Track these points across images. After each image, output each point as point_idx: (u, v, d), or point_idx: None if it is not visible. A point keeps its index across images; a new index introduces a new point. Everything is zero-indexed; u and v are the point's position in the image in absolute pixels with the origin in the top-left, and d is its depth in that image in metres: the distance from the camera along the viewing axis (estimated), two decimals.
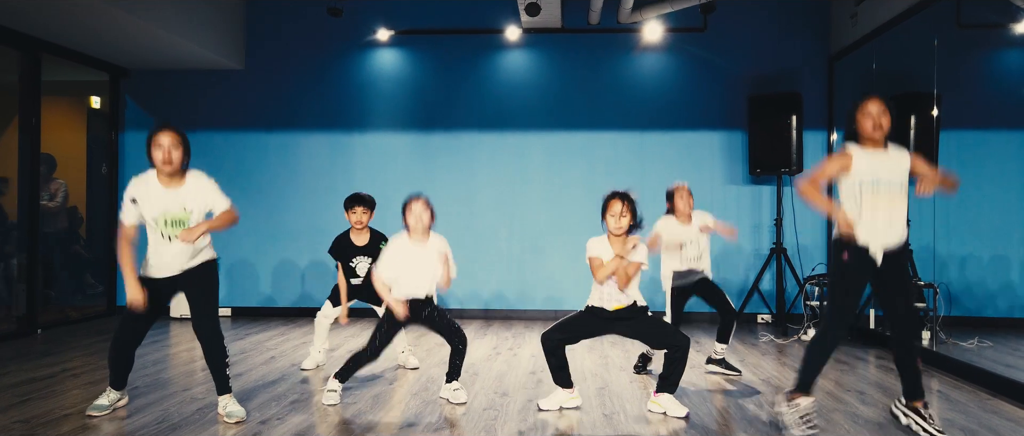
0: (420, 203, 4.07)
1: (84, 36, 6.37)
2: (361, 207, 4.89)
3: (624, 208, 3.77)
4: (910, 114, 6.42)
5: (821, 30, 7.29)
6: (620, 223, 3.76)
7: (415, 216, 4.03)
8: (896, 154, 3.47)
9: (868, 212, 3.38)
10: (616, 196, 3.80)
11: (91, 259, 8.90)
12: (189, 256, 3.65)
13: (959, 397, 4.30)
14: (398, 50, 7.54)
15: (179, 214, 3.60)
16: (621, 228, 3.76)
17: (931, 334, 5.78)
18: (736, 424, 3.68)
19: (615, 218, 3.76)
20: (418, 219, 4.03)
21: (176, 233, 3.57)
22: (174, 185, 3.61)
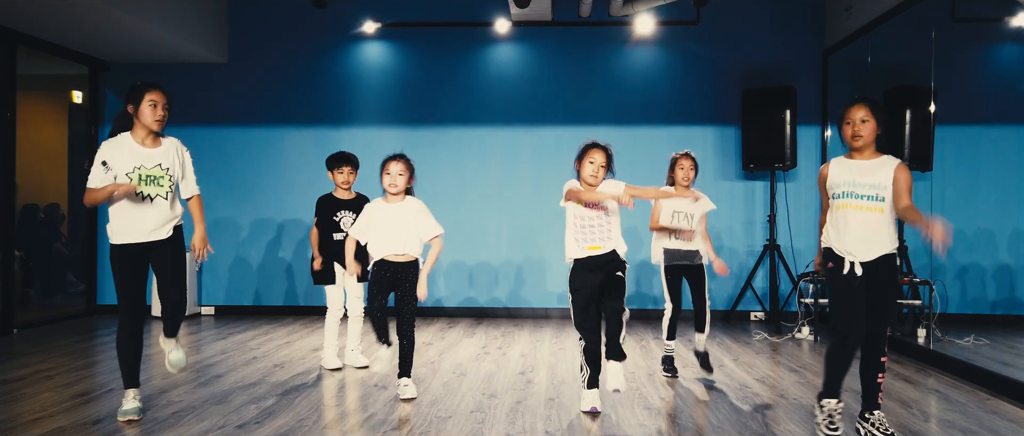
0: (398, 164, 3.97)
1: (62, 28, 6.19)
2: (348, 167, 4.87)
3: (604, 158, 3.69)
4: (905, 109, 6.32)
5: (815, 23, 7.18)
6: (598, 173, 3.67)
7: (391, 178, 3.94)
8: (880, 165, 3.26)
9: (841, 223, 3.25)
10: (597, 146, 3.71)
11: (73, 257, 8.73)
12: (165, 220, 3.61)
13: (958, 397, 4.20)
14: (385, 43, 7.39)
15: (155, 171, 3.58)
16: (597, 178, 3.67)
17: (927, 332, 5.69)
18: (732, 427, 3.56)
19: (594, 167, 3.67)
20: (393, 182, 3.94)
21: (150, 191, 3.55)
22: (151, 145, 3.63)
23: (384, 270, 3.94)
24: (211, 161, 7.38)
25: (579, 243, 3.71)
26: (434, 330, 6.44)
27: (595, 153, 3.69)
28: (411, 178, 4.04)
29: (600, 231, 3.69)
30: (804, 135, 7.02)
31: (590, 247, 3.67)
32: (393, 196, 3.98)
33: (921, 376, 4.75)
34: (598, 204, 3.66)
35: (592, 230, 3.69)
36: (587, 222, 3.70)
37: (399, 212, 3.96)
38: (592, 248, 3.68)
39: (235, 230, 7.33)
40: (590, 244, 3.68)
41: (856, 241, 3.20)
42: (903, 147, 6.29)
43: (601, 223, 3.70)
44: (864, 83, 6.74)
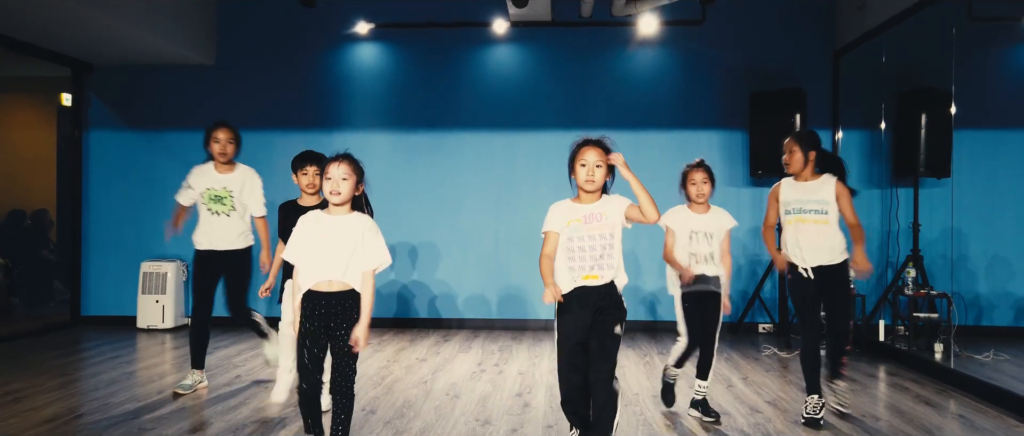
0: (340, 166, 3.00)
1: (43, 29, 5.93)
2: (313, 167, 4.08)
3: (601, 157, 2.99)
4: (921, 112, 6.05)
5: (826, 23, 6.91)
6: (593, 176, 2.96)
7: (332, 183, 2.98)
8: (821, 184, 3.90)
9: (792, 235, 3.93)
10: (589, 143, 3.02)
11: (60, 264, 8.48)
12: (230, 234, 4.50)
13: (984, 423, 3.93)
14: (378, 44, 7.13)
15: (219, 192, 4.50)
16: (593, 182, 2.97)
17: (945, 347, 5.43)
18: None
19: (587, 169, 2.97)
20: (335, 188, 2.98)
21: (214, 207, 4.48)
22: (223, 171, 4.55)
23: (316, 306, 2.96)
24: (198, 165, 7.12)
25: (573, 271, 2.97)
26: (429, 344, 6.18)
27: (587, 151, 2.99)
28: (359, 184, 3.07)
29: (598, 256, 2.97)
30: None
31: (586, 276, 2.96)
32: (335, 207, 3.02)
33: (942, 398, 4.48)
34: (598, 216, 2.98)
35: (589, 254, 2.97)
36: (584, 243, 2.97)
37: (341, 227, 3.00)
38: (588, 277, 2.95)
39: None
40: (586, 273, 2.96)
41: (807, 249, 3.86)
42: (918, 153, 6.02)
43: (602, 245, 2.97)
44: (877, 85, 6.47)
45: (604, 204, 3.01)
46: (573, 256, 2.97)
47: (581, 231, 2.97)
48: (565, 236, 2.99)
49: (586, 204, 3.00)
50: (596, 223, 2.97)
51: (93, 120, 7.25)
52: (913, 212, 6.13)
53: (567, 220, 3.00)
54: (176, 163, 7.14)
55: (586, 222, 2.97)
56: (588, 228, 2.96)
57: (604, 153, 2.99)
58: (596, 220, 2.97)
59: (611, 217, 2.98)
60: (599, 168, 2.97)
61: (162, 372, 5.10)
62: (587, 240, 2.96)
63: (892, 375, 5.14)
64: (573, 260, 2.97)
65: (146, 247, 7.13)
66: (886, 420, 3.98)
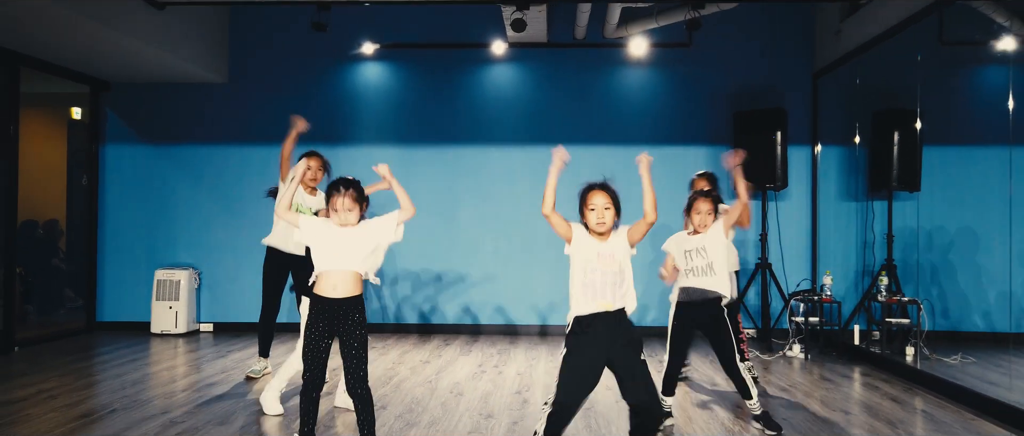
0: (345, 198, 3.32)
1: (65, 50, 6.29)
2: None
3: (608, 200, 3.20)
4: (893, 130, 6.47)
5: (805, 47, 7.33)
6: (603, 218, 3.17)
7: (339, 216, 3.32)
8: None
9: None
10: (596, 187, 3.23)
11: (70, 272, 8.78)
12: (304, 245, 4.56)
13: (944, 417, 4.30)
14: (383, 64, 7.50)
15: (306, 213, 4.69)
16: (604, 224, 3.17)
17: (915, 350, 5.81)
18: None
19: (597, 213, 3.18)
20: (344, 221, 3.32)
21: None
22: (310, 193, 5.18)
23: (323, 309, 3.26)
24: (210, 179, 7.47)
25: (586, 298, 3.14)
26: (431, 347, 6.52)
27: (595, 196, 3.19)
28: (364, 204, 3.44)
29: (612, 284, 3.15)
30: (795, 155, 7.14)
31: (601, 303, 3.12)
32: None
33: (908, 396, 4.85)
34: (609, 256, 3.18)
35: (600, 282, 3.14)
36: (596, 277, 3.15)
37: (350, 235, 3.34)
38: (603, 305, 3.12)
39: (233, 247, 7.40)
40: (601, 300, 3.12)
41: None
42: (891, 168, 6.43)
43: (614, 276, 3.16)
44: (853, 105, 6.88)
45: (612, 242, 3.21)
46: (587, 282, 3.15)
47: (594, 265, 3.16)
48: (582, 258, 3.18)
49: (598, 241, 3.20)
50: (608, 260, 3.17)
51: (110, 135, 7.59)
52: (887, 223, 6.53)
53: (589, 250, 3.19)
54: (189, 176, 7.51)
55: (599, 258, 3.17)
56: (601, 263, 3.16)
57: (610, 196, 3.20)
58: (608, 258, 3.17)
59: (618, 254, 3.19)
60: (608, 210, 3.18)
61: (183, 373, 5.42)
62: (600, 274, 3.14)
63: (865, 376, 5.52)
64: (588, 286, 3.14)
65: (160, 256, 7.46)
66: (855, 415, 4.35)
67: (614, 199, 3.22)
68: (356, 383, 3.27)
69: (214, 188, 7.46)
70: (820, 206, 7.19)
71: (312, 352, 3.27)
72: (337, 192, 3.31)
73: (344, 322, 3.26)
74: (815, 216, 7.22)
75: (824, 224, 7.18)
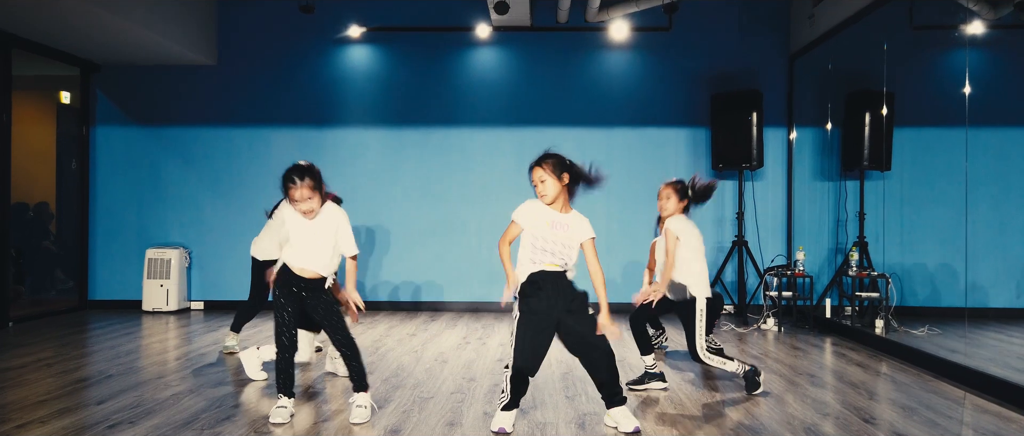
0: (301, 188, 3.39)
1: (55, 31, 6.40)
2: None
3: (543, 172, 3.36)
4: (865, 111, 6.68)
5: (781, 30, 7.53)
6: (544, 191, 3.35)
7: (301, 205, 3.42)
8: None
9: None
10: (532, 165, 3.42)
11: (61, 254, 8.90)
12: None
13: (904, 379, 4.53)
14: (370, 47, 7.65)
15: None
16: (545, 196, 3.35)
17: (884, 323, 6.03)
18: (693, 405, 3.86)
19: (537, 188, 3.39)
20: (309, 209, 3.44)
21: None
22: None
23: (291, 284, 3.51)
24: (200, 160, 7.60)
25: (534, 263, 3.34)
26: (418, 322, 6.70)
27: (533, 173, 3.40)
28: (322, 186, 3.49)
29: (560, 255, 3.35)
30: (771, 136, 7.36)
31: (547, 264, 3.34)
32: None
33: (874, 362, 5.08)
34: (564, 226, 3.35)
35: (550, 251, 3.35)
36: (548, 245, 3.35)
37: (317, 224, 3.50)
38: (549, 265, 3.34)
39: (223, 226, 7.55)
40: (549, 262, 3.34)
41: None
42: (863, 148, 6.64)
43: (563, 247, 3.35)
44: (826, 87, 7.09)
45: (572, 218, 3.39)
46: (536, 252, 3.34)
47: (546, 233, 3.33)
48: (532, 234, 3.35)
49: (554, 211, 3.37)
50: (561, 231, 3.34)
51: (100, 116, 7.71)
52: (859, 201, 6.75)
53: (537, 221, 3.35)
54: (178, 157, 7.64)
55: (552, 227, 3.34)
56: (553, 233, 3.33)
57: (545, 168, 3.35)
58: (562, 228, 3.35)
59: (574, 231, 3.36)
60: (544, 183, 3.35)
61: (174, 344, 5.58)
62: (551, 243, 3.33)
63: (835, 345, 5.75)
64: (536, 254, 3.34)
65: (150, 235, 7.59)
66: (820, 377, 4.56)
67: (553, 169, 3.36)
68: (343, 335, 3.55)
69: (204, 168, 7.59)
70: (795, 185, 7.41)
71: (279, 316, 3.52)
72: (292, 184, 3.38)
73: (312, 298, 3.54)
74: (790, 195, 7.44)
75: (799, 203, 7.40)
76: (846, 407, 3.82)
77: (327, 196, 3.81)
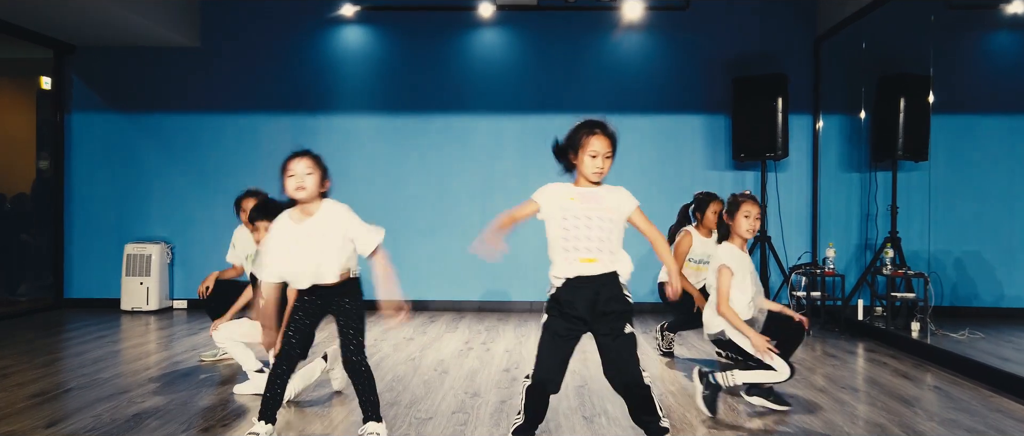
0: (301, 161, 2.95)
1: (24, 8, 5.88)
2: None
3: (610, 147, 2.78)
4: (900, 97, 6.18)
5: (807, 9, 7.01)
6: (603, 167, 2.78)
7: (296, 179, 2.94)
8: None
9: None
10: (598, 130, 2.78)
11: (39, 248, 8.40)
12: None
13: (961, 394, 4.04)
14: (364, 27, 7.13)
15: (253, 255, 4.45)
16: (601, 173, 2.78)
17: (921, 325, 5.55)
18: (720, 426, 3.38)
19: (598, 160, 2.77)
20: (300, 184, 2.94)
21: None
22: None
23: (311, 297, 3.04)
24: (183, 149, 7.11)
25: (567, 252, 2.75)
26: (416, 325, 6.22)
27: (597, 141, 2.76)
28: (325, 180, 3.02)
29: (597, 239, 2.74)
30: (796, 124, 6.84)
31: (583, 259, 2.73)
32: (305, 205, 2.99)
33: (919, 372, 4.59)
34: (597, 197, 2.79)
35: (584, 234, 2.74)
36: (580, 222, 2.75)
37: (319, 227, 2.98)
38: (586, 261, 2.73)
39: (209, 221, 7.05)
40: (582, 255, 2.73)
41: None
42: (897, 137, 6.15)
43: (599, 226, 2.75)
44: (857, 70, 6.59)
45: (606, 190, 2.83)
46: (568, 236, 2.75)
47: (576, 210, 2.75)
48: (560, 216, 2.78)
49: (584, 187, 2.84)
50: (594, 204, 2.77)
51: (76, 102, 7.20)
52: (892, 195, 6.26)
53: (562, 198, 2.80)
54: (160, 145, 7.14)
55: (583, 201, 2.77)
56: (585, 208, 2.75)
57: (612, 142, 2.80)
58: (595, 201, 2.78)
59: (611, 203, 2.79)
60: (609, 159, 2.78)
61: (148, 351, 5.10)
62: (584, 220, 2.74)
63: (870, 351, 5.26)
64: (568, 240, 2.75)
65: (130, 229, 7.10)
66: (865, 392, 4.08)
67: (615, 147, 2.82)
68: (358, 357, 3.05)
69: (187, 158, 7.09)
70: (821, 176, 6.91)
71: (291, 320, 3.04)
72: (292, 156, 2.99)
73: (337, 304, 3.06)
74: (816, 187, 6.94)
75: (825, 195, 6.90)
76: (907, 432, 3.33)
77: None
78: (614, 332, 2.74)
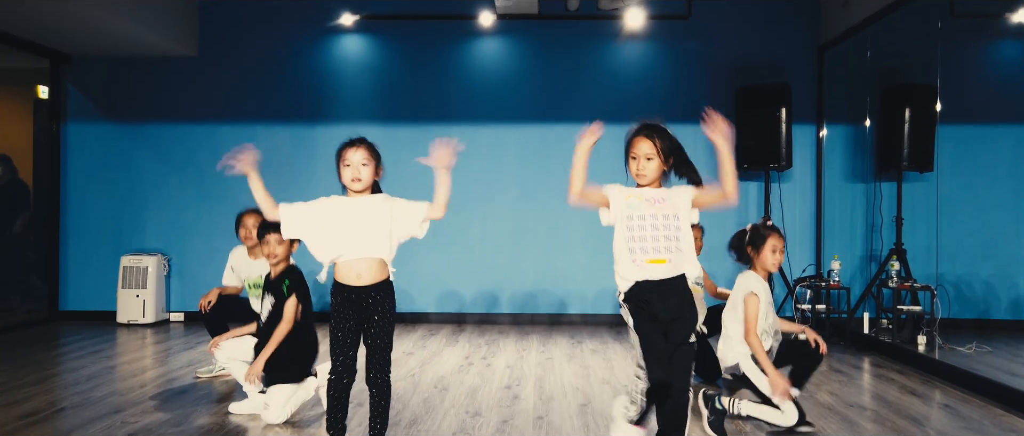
0: (359, 151, 2.99)
1: (20, 18, 5.81)
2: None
3: (653, 149, 2.78)
4: (904, 106, 6.11)
5: (810, 19, 6.94)
6: (643, 169, 2.77)
7: (352, 170, 2.97)
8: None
9: None
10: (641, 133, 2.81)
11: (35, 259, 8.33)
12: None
13: (970, 412, 3.96)
14: (363, 36, 7.06)
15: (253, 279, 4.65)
16: (644, 176, 2.78)
17: (928, 339, 5.47)
18: None
19: (638, 162, 2.79)
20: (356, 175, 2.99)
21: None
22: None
23: (348, 299, 2.91)
24: (180, 159, 7.03)
25: (633, 253, 2.72)
26: (415, 338, 6.14)
27: (639, 143, 2.79)
28: (379, 168, 3.07)
29: (665, 239, 2.72)
30: (799, 134, 6.77)
31: (651, 260, 2.71)
32: (356, 193, 3.03)
33: (927, 388, 4.51)
34: (660, 199, 2.78)
35: (651, 234, 2.72)
36: (645, 222, 2.72)
37: (368, 206, 3.03)
38: (653, 262, 2.71)
39: (206, 232, 6.97)
40: (650, 256, 2.71)
41: None
42: (902, 147, 6.08)
43: (666, 225, 2.73)
44: (861, 80, 6.52)
45: (667, 190, 2.83)
46: (634, 237, 2.73)
47: (642, 210, 2.74)
48: (624, 215, 2.76)
49: (645, 189, 2.83)
50: (659, 204, 2.76)
51: (72, 112, 7.12)
52: (897, 206, 6.18)
53: (626, 196, 2.78)
54: (157, 156, 7.07)
55: (648, 202, 2.76)
56: (650, 208, 2.75)
57: (656, 143, 2.77)
58: (658, 201, 2.77)
59: (675, 200, 2.78)
60: (650, 161, 2.77)
61: (144, 367, 5.02)
62: (649, 219, 2.73)
63: (877, 367, 5.18)
64: (634, 242, 2.72)
65: (126, 241, 7.02)
66: (873, 410, 4.00)
67: (664, 147, 2.78)
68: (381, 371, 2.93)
69: (184, 169, 7.02)
70: (825, 187, 6.84)
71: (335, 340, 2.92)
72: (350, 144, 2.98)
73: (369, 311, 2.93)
74: (820, 198, 6.86)
75: (829, 206, 6.83)
76: None
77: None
78: (679, 339, 2.74)
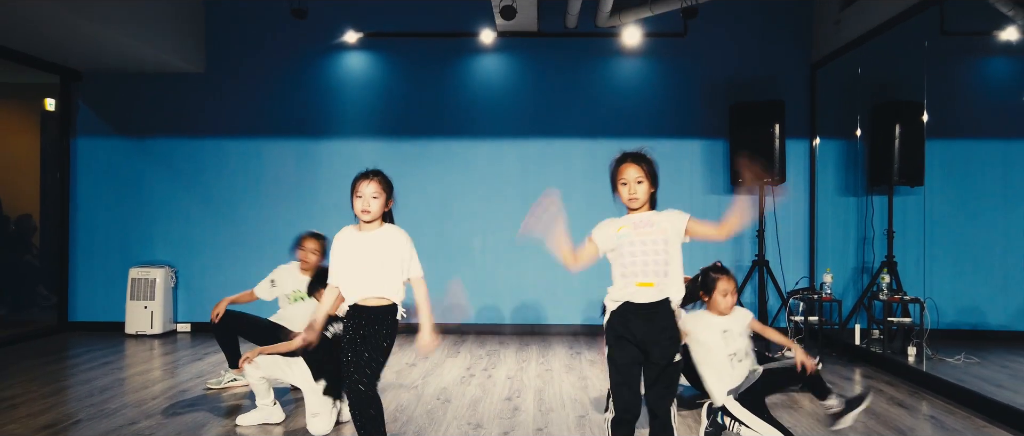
0: (371, 183, 3.14)
1: (31, 37, 5.97)
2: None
3: (641, 172, 2.88)
4: (895, 122, 6.27)
5: (803, 37, 7.11)
6: (636, 193, 2.88)
7: (363, 201, 3.12)
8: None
9: None
10: (628, 158, 2.91)
11: (44, 269, 8.48)
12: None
13: (954, 424, 4.11)
14: (367, 53, 7.22)
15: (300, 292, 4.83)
16: (637, 200, 2.88)
17: (918, 351, 5.62)
18: None
19: (629, 187, 2.88)
20: (366, 207, 3.13)
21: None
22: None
23: (359, 317, 3.11)
24: (188, 173, 7.18)
25: (624, 277, 2.85)
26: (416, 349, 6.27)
27: (627, 169, 2.89)
28: (389, 200, 3.20)
29: (653, 264, 2.83)
30: (793, 149, 6.93)
31: (640, 283, 2.83)
32: (367, 224, 3.16)
33: (914, 400, 4.66)
34: (648, 222, 2.88)
35: (640, 259, 2.84)
36: (635, 249, 2.85)
37: (381, 242, 3.16)
38: (642, 285, 2.82)
39: (212, 244, 7.12)
40: (639, 279, 2.83)
41: None
42: (892, 162, 6.24)
43: (655, 250, 2.84)
44: (852, 96, 6.68)
45: (656, 214, 2.93)
46: (624, 263, 2.85)
47: (631, 237, 2.86)
48: (614, 244, 2.90)
49: (637, 214, 2.93)
50: (647, 229, 2.86)
51: (81, 127, 7.27)
52: (888, 219, 6.33)
53: (616, 227, 2.91)
54: (165, 170, 7.22)
55: (636, 228, 2.87)
56: (639, 234, 2.85)
57: (644, 168, 2.89)
58: (646, 225, 2.87)
59: (664, 225, 2.87)
60: (641, 184, 2.88)
61: (154, 378, 5.16)
62: (639, 246, 2.84)
63: (867, 377, 5.33)
64: (625, 267, 2.85)
65: (134, 253, 7.16)
66: (861, 421, 4.14)
67: (649, 171, 2.90)
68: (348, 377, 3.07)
69: (192, 183, 7.17)
70: (818, 201, 6.99)
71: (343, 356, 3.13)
72: (364, 176, 3.16)
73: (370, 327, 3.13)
74: (813, 211, 7.02)
75: (822, 220, 6.98)
76: None
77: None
78: (663, 360, 2.85)
